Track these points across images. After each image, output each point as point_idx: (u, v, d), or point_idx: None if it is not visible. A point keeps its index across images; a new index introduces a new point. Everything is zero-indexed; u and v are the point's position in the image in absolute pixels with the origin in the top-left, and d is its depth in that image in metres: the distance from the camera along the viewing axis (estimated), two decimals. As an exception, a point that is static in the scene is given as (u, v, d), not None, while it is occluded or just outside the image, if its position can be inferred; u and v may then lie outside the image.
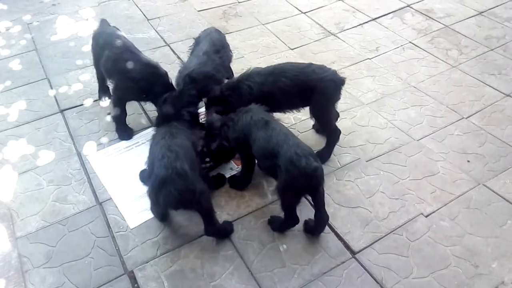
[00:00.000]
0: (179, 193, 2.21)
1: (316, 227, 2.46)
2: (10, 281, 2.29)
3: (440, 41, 4.24)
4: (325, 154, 2.90)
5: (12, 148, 3.02)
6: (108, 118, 3.25)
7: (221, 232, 2.46)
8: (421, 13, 4.67)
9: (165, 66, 3.71)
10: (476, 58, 4.02)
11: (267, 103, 2.61)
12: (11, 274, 2.32)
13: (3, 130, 3.16)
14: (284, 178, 2.29)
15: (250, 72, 2.80)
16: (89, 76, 3.62)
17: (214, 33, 3.19)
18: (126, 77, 2.81)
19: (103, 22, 3.24)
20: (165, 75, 2.90)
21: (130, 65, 2.80)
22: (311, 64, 2.80)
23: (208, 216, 2.37)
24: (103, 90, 3.38)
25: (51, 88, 3.54)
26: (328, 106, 2.78)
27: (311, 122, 3.13)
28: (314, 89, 2.69)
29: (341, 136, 3.11)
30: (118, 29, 3.20)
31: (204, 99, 2.87)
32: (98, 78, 3.33)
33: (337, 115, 3.07)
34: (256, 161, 2.64)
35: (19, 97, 3.44)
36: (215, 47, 3.06)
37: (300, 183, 2.25)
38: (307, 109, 2.87)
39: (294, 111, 2.92)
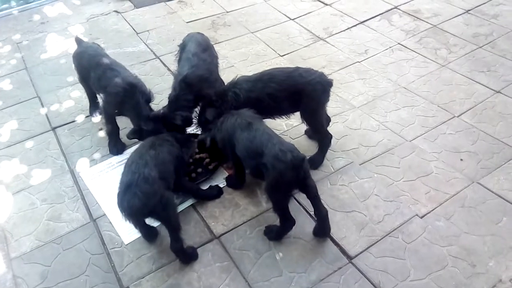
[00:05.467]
0: (145, 195, 2.18)
1: (321, 226, 2.46)
2: (5, 304, 2.27)
3: (429, 41, 4.26)
4: (318, 159, 2.91)
5: (4, 168, 3.02)
6: (100, 134, 3.25)
7: (185, 254, 2.38)
8: (408, 14, 4.70)
9: (155, 79, 3.77)
10: (465, 56, 4.04)
11: (256, 109, 2.62)
12: (6, 296, 2.30)
13: (-5, 150, 3.16)
14: (271, 176, 2.29)
15: (237, 80, 2.83)
16: (80, 93, 3.62)
17: (197, 35, 3.24)
18: (106, 92, 2.86)
19: (79, 41, 3.24)
20: (139, 92, 2.82)
21: (109, 81, 2.83)
22: (298, 68, 2.82)
23: (174, 229, 2.30)
24: (93, 106, 3.39)
25: (42, 106, 3.54)
26: (317, 108, 2.79)
27: (303, 128, 3.14)
28: (302, 93, 2.71)
29: (333, 140, 3.11)
30: (98, 45, 3.22)
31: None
32: (87, 94, 3.34)
33: (329, 120, 3.07)
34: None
35: (10, 117, 3.44)
36: (202, 47, 3.10)
37: (288, 176, 2.26)
38: (298, 114, 2.87)
39: (285, 117, 2.93)
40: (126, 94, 2.78)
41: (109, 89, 2.81)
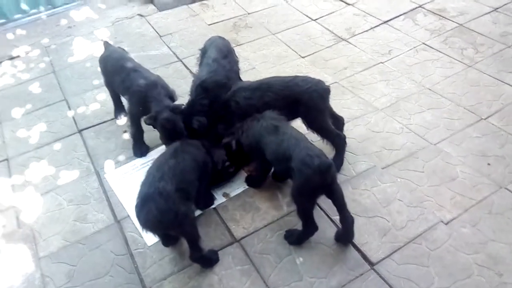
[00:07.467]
0: (160, 212, 2.16)
1: (345, 232, 2.44)
2: (34, 302, 2.36)
3: (455, 41, 4.15)
4: (337, 162, 2.86)
5: (33, 170, 3.12)
6: (124, 136, 3.32)
7: (205, 260, 2.40)
8: (433, 13, 4.59)
9: (178, 81, 3.82)
10: (493, 56, 3.92)
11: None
12: (35, 295, 2.39)
13: (25, 152, 3.27)
14: (298, 180, 2.30)
15: (236, 89, 2.85)
16: (106, 96, 3.71)
17: (218, 40, 3.26)
18: (130, 92, 2.91)
19: (107, 45, 3.31)
20: (160, 86, 2.86)
21: (133, 82, 2.88)
22: (296, 76, 2.83)
23: (191, 241, 2.31)
24: (118, 109, 3.47)
25: (69, 109, 3.64)
26: (318, 116, 2.79)
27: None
28: (299, 102, 2.72)
29: (355, 143, 3.09)
30: (123, 49, 3.28)
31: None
32: (112, 97, 3.42)
33: (342, 120, 3.04)
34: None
35: (39, 120, 3.56)
36: (223, 53, 3.13)
37: (315, 182, 2.26)
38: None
39: None
40: (148, 89, 2.82)
41: (132, 88, 2.86)
